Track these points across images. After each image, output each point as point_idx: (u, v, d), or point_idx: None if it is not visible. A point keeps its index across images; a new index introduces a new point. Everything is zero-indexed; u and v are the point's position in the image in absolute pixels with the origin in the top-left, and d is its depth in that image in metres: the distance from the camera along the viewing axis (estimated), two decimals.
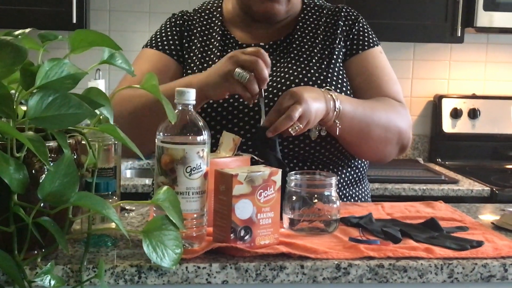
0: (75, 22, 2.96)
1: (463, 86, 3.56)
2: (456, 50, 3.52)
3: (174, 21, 1.87)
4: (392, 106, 1.71)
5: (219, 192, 1.27)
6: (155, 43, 1.83)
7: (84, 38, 1.15)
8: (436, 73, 3.54)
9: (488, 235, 1.41)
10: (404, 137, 1.72)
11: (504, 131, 3.48)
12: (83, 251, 1.24)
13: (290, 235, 1.36)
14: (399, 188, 2.85)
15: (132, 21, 3.32)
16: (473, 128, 3.46)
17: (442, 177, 3.01)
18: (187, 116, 1.26)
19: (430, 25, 3.19)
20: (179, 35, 1.83)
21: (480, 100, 3.49)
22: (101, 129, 1.17)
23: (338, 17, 1.81)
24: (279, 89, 1.68)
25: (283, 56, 1.77)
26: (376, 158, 1.77)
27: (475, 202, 2.78)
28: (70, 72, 1.12)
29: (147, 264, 1.19)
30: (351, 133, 1.62)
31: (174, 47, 1.81)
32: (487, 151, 3.49)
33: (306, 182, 1.41)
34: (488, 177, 3.11)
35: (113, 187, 1.28)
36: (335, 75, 1.73)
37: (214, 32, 1.82)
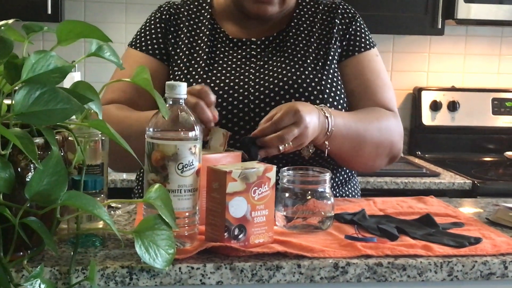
0: (50, 13, 2.88)
1: (443, 79, 3.54)
2: (435, 42, 3.51)
3: (159, 15, 1.79)
4: (385, 118, 1.68)
5: (211, 190, 1.22)
6: (139, 44, 1.76)
7: (72, 29, 1.10)
8: (416, 65, 3.52)
9: (484, 231, 1.38)
10: (395, 149, 1.70)
11: (483, 123, 3.48)
12: (70, 251, 1.19)
13: (284, 233, 1.33)
14: (381, 182, 2.82)
15: (108, 12, 3.25)
16: (453, 121, 3.45)
17: (424, 170, 3.00)
18: (178, 110, 1.22)
19: (410, 17, 3.17)
20: (164, 32, 1.76)
21: (460, 92, 3.48)
22: (90, 124, 1.12)
23: (334, 14, 1.76)
24: (271, 89, 1.63)
25: (276, 54, 1.72)
26: (365, 171, 1.76)
27: (457, 195, 2.81)
28: (57, 65, 1.07)
29: (139, 265, 1.14)
30: (342, 151, 1.60)
31: (159, 47, 1.74)
32: (466, 143, 3.49)
33: (299, 178, 1.37)
34: (468, 170, 3.10)
35: (101, 184, 1.23)
36: (330, 76, 1.68)
37: (203, 25, 1.76)
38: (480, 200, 1.70)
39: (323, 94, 1.62)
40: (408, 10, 3.16)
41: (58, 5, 2.91)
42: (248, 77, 1.66)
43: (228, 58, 1.70)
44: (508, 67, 3.58)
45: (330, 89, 1.65)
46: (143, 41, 1.76)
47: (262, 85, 1.64)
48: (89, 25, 1.11)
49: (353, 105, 1.69)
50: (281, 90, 1.62)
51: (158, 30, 1.76)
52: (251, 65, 1.69)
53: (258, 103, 1.62)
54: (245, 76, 1.66)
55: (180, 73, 1.68)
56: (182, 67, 1.69)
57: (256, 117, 1.60)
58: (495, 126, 3.48)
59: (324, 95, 1.62)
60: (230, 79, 1.65)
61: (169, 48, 1.74)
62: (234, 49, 1.72)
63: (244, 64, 1.69)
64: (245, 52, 1.72)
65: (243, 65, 1.69)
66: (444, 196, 2.76)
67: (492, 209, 1.60)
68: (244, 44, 1.73)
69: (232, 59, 1.70)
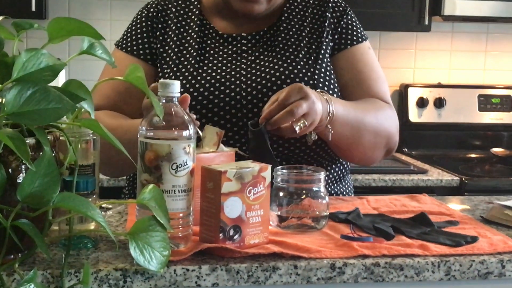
0: (34, 9, 2.84)
1: (429, 75, 3.54)
2: (421, 38, 3.50)
3: (146, 13, 1.75)
4: (382, 109, 1.67)
5: (206, 190, 1.20)
6: (125, 45, 1.73)
7: (64, 27, 1.07)
8: (402, 62, 3.52)
9: (480, 229, 1.37)
10: (392, 141, 1.68)
11: (469, 120, 3.47)
12: (62, 254, 1.17)
13: (278, 233, 1.31)
14: (369, 179, 2.81)
15: (92, 8, 3.21)
16: (439, 117, 3.44)
17: (411, 167, 2.99)
18: (172, 109, 1.19)
19: (397, 13, 3.16)
20: (151, 30, 1.73)
21: (446, 89, 3.47)
22: (83, 124, 1.09)
23: (325, 8, 1.74)
24: (264, 84, 1.61)
25: (267, 48, 1.69)
26: (363, 162, 1.73)
27: (445, 192, 2.81)
28: (48, 64, 1.05)
29: (133, 267, 1.12)
30: (342, 138, 1.58)
31: (144, 47, 1.71)
32: (452, 140, 3.49)
33: (293, 178, 1.35)
34: (455, 167, 3.10)
35: (93, 185, 1.20)
36: (322, 71, 1.67)
37: (192, 21, 1.73)
38: (473, 198, 1.69)
39: (316, 88, 1.61)
40: (395, 7, 3.15)
41: (42, 2, 2.87)
42: (239, 72, 1.64)
43: (218, 54, 1.68)
44: (494, 64, 3.59)
45: (323, 83, 1.64)
46: (129, 41, 1.73)
47: (254, 80, 1.62)
48: (81, 22, 1.09)
49: (347, 98, 1.68)
50: (273, 86, 1.60)
51: (144, 30, 1.73)
52: (242, 60, 1.67)
53: (250, 99, 1.60)
54: (237, 72, 1.64)
55: (170, 71, 1.66)
56: (172, 64, 1.67)
57: (249, 114, 1.58)
58: (482, 122, 3.48)
59: (317, 89, 1.61)
60: (221, 75, 1.63)
61: (157, 45, 1.71)
62: (225, 45, 1.70)
63: (235, 60, 1.67)
64: (236, 47, 1.69)
65: (234, 60, 1.67)
66: (432, 192, 2.75)
67: (485, 207, 1.59)
68: (235, 39, 1.70)
69: (223, 55, 1.68)
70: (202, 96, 1.60)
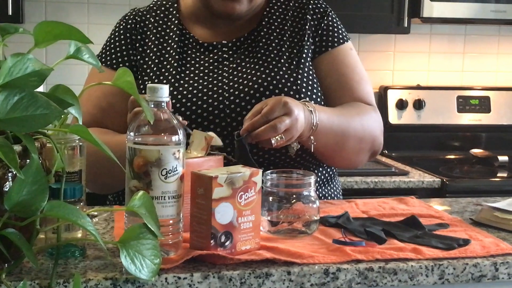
0: (11, 13, 2.79)
1: (408, 77, 3.55)
2: (400, 41, 3.51)
3: (124, 25, 1.73)
4: (366, 113, 1.66)
5: (196, 196, 1.18)
6: (105, 59, 1.70)
7: (50, 31, 1.04)
8: (381, 64, 3.52)
9: (470, 232, 1.37)
10: (376, 144, 1.68)
11: (449, 121, 3.48)
12: (49, 263, 1.14)
13: (269, 238, 1.29)
14: (351, 181, 2.80)
15: (69, 12, 3.17)
16: (419, 119, 3.45)
17: (393, 169, 2.99)
18: (160, 114, 1.17)
19: (376, 15, 3.16)
20: (130, 42, 1.70)
21: (425, 90, 3.48)
22: (71, 130, 1.06)
23: (306, 10, 1.72)
24: (246, 92, 1.59)
25: (248, 55, 1.67)
26: (348, 167, 1.74)
27: (426, 193, 2.81)
28: (35, 69, 1.02)
29: (123, 276, 1.09)
30: (326, 147, 1.57)
31: (124, 60, 1.69)
32: (431, 141, 3.50)
33: (283, 182, 1.33)
34: (436, 168, 3.10)
35: (80, 192, 1.18)
36: (305, 75, 1.65)
37: (171, 31, 1.70)
38: (460, 200, 1.68)
39: (299, 93, 1.59)
40: (374, 9, 3.15)
41: (19, 5, 2.82)
42: (221, 81, 1.62)
43: (199, 63, 1.66)
44: (471, 65, 3.60)
45: (306, 88, 1.62)
46: (108, 55, 1.71)
47: (236, 88, 1.60)
48: (69, 26, 1.06)
49: (331, 101, 1.66)
50: (256, 93, 1.58)
51: (123, 42, 1.70)
52: (224, 68, 1.64)
53: (233, 107, 1.58)
54: (218, 80, 1.62)
55: (150, 82, 1.63)
56: (152, 75, 1.64)
57: (233, 122, 1.56)
58: (460, 123, 3.49)
59: (301, 94, 1.59)
60: (203, 84, 1.61)
61: (137, 57, 1.68)
62: (205, 54, 1.67)
63: (216, 68, 1.64)
64: (217, 56, 1.67)
65: (215, 69, 1.64)
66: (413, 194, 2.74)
67: (473, 209, 1.59)
68: (215, 47, 1.68)
69: (204, 64, 1.65)
70: (184, 106, 1.57)
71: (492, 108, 3.51)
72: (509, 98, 3.54)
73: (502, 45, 3.62)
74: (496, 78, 3.63)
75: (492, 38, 3.60)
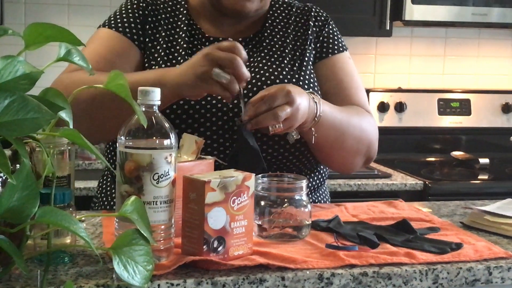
0: None
1: (389, 80, 3.56)
2: (381, 43, 3.52)
3: (137, 2, 1.68)
4: (364, 116, 1.66)
5: (188, 201, 1.16)
6: (114, 23, 1.65)
7: (41, 33, 1.02)
8: (363, 67, 3.52)
9: (462, 235, 1.36)
10: (372, 149, 1.68)
11: (429, 124, 3.50)
12: (38, 270, 1.11)
13: (261, 243, 1.27)
14: (335, 184, 2.80)
15: (49, 14, 3.14)
16: (400, 122, 3.46)
17: (375, 171, 2.99)
18: (152, 117, 1.15)
19: (359, 18, 3.16)
20: (142, 19, 1.65)
21: (406, 93, 3.49)
22: (62, 134, 1.04)
23: (308, 16, 1.74)
24: (250, 89, 1.58)
25: (253, 55, 1.67)
26: (343, 169, 1.72)
27: (409, 196, 2.81)
28: (25, 71, 1.00)
29: (115, 282, 1.07)
30: (326, 141, 1.56)
31: (136, 30, 1.64)
32: (412, 144, 3.51)
33: (275, 186, 1.32)
34: (417, 171, 3.11)
35: (70, 197, 1.16)
36: (306, 78, 1.65)
37: (180, 21, 1.68)
38: (449, 203, 1.68)
39: None
40: (356, 12, 3.15)
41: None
42: None
43: None
44: (452, 68, 3.62)
45: (308, 89, 1.62)
46: (118, 21, 1.65)
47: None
48: (60, 28, 1.03)
49: None
50: (259, 91, 1.57)
51: (136, 15, 1.66)
52: None
53: (236, 103, 1.56)
54: None
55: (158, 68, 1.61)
56: (160, 61, 1.61)
57: (235, 118, 1.55)
58: (441, 126, 3.51)
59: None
60: None
61: (147, 38, 1.64)
62: None
63: None
64: None
65: None
66: (396, 197, 2.75)
67: (462, 212, 1.59)
68: None
69: None
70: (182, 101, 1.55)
71: (473, 110, 3.53)
72: (489, 100, 3.56)
73: (482, 48, 3.65)
74: (477, 81, 3.66)
75: (472, 41, 3.63)
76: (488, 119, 3.55)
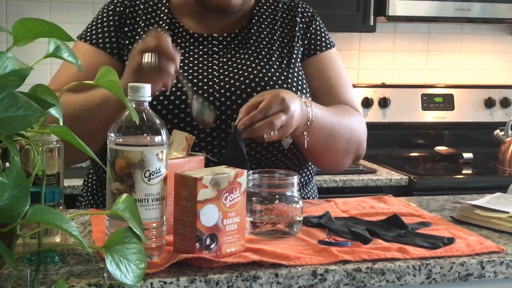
0: None
1: (373, 75, 3.55)
2: (365, 39, 3.51)
3: (113, 8, 1.66)
4: (354, 115, 1.66)
5: (180, 198, 1.15)
6: (90, 37, 1.64)
7: (30, 28, 1.00)
8: (346, 62, 3.47)
9: (453, 230, 1.36)
10: (361, 148, 1.68)
11: (413, 119, 3.50)
12: (28, 269, 1.10)
13: (253, 239, 1.27)
14: (320, 180, 2.79)
15: (31, 10, 3.09)
16: (384, 117, 3.46)
17: (360, 167, 2.98)
18: (143, 114, 1.14)
19: (342, 14, 3.15)
20: (118, 25, 1.64)
21: (390, 89, 3.48)
22: (52, 131, 1.03)
23: (295, 12, 1.72)
24: (237, 87, 1.56)
25: (239, 51, 1.65)
26: (333, 168, 1.74)
27: (394, 191, 2.80)
28: (14, 68, 0.98)
29: (107, 281, 1.06)
30: (317, 144, 1.56)
31: (111, 41, 1.62)
32: (396, 139, 3.51)
33: (266, 182, 1.31)
34: (402, 166, 3.11)
35: (59, 196, 1.14)
36: (295, 75, 1.64)
37: (161, 20, 1.65)
38: (438, 198, 1.68)
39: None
40: (340, 8, 3.14)
41: None
42: (211, 74, 1.58)
43: (189, 54, 1.62)
44: (435, 63, 3.63)
45: (296, 88, 1.61)
46: (93, 34, 1.64)
47: (227, 82, 1.57)
48: (50, 24, 1.02)
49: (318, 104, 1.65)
50: (247, 88, 1.56)
51: (111, 23, 1.64)
52: (214, 62, 1.61)
53: (223, 101, 1.55)
54: (209, 73, 1.58)
55: None
56: None
57: (222, 116, 1.53)
58: (425, 121, 3.51)
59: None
60: (193, 75, 1.57)
61: (125, 42, 1.62)
62: (195, 45, 1.64)
63: (207, 61, 1.61)
64: (207, 48, 1.64)
65: (205, 61, 1.61)
66: (381, 192, 2.76)
67: (452, 206, 1.59)
68: (206, 39, 1.65)
69: (194, 55, 1.62)
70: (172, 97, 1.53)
71: (456, 105, 3.54)
72: (472, 95, 3.57)
73: (464, 43, 3.65)
74: (459, 76, 3.67)
75: (455, 36, 3.63)
76: (471, 114, 3.56)
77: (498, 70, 3.69)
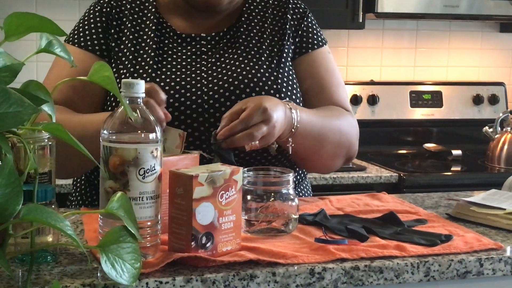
0: None
1: (362, 73, 3.54)
2: (353, 36, 3.50)
3: (99, 9, 1.63)
4: (344, 117, 1.62)
5: (175, 196, 1.13)
6: (77, 39, 1.61)
7: (22, 23, 0.98)
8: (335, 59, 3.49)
9: (449, 227, 1.35)
10: (352, 150, 1.65)
11: (402, 116, 3.49)
12: (20, 269, 1.08)
13: (248, 238, 1.25)
14: (310, 178, 2.77)
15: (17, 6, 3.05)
16: (373, 114, 3.45)
17: (350, 164, 2.96)
18: (137, 110, 1.11)
19: (331, 11, 3.14)
20: (105, 26, 1.61)
21: (379, 86, 3.48)
22: (45, 129, 1.00)
23: (285, 9, 1.68)
24: (226, 88, 1.54)
25: (227, 50, 1.61)
26: (321, 171, 1.73)
27: (384, 188, 2.79)
28: (6, 63, 0.96)
29: (102, 282, 1.04)
30: (303, 149, 1.53)
31: (100, 42, 1.60)
32: (385, 136, 3.50)
33: (261, 180, 1.29)
34: (391, 163, 3.11)
35: (52, 194, 1.12)
36: (285, 75, 1.61)
37: (148, 20, 1.62)
38: (432, 195, 1.67)
39: (280, 93, 1.55)
40: (329, 4, 3.13)
41: None
42: (200, 75, 1.56)
43: (176, 54, 1.59)
44: (423, 60, 3.62)
45: (287, 88, 1.58)
46: (81, 36, 1.61)
47: (216, 83, 1.54)
48: (42, 18, 0.99)
49: (309, 104, 1.63)
50: (236, 89, 1.53)
51: (98, 25, 1.61)
52: (202, 62, 1.59)
53: (212, 102, 1.52)
54: (197, 74, 1.56)
55: (126, 71, 1.56)
56: (128, 64, 1.57)
57: (211, 118, 1.51)
58: (413, 118, 3.51)
59: (281, 94, 1.55)
60: (181, 77, 1.55)
61: (112, 43, 1.60)
62: (183, 45, 1.61)
63: (195, 61, 1.58)
64: (195, 48, 1.61)
65: (193, 62, 1.58)
66: (371, 189, 2.75)
67: (446, 203, 1.58)
68: (194, 39, 1.62)
69: (182, 56, 1.59)
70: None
71: (444, 102, 3.54)
72: (460, 92, 3.57)
73: (452, 40, 3.65)
74: (447, 73, 3.66)
75: (443, 33, 3.63)
76: (460, 111, 3.56)
77: (486, 67, 3.69)
